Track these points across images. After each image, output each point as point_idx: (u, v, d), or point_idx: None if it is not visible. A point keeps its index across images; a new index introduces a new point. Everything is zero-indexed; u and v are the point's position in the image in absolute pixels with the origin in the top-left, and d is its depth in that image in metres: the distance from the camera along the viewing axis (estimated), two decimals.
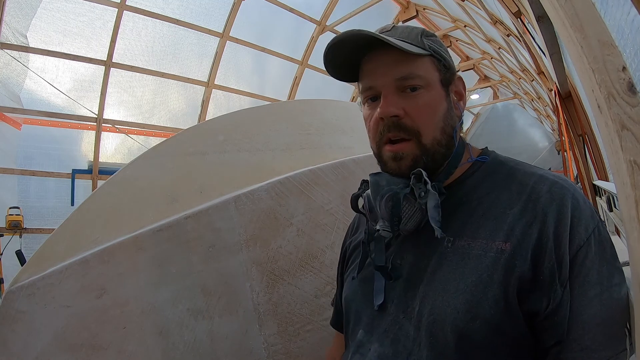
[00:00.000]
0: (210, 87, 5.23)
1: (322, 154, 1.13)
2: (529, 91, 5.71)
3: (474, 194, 0.58)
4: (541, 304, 0.49)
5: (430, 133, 0.58)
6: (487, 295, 0.50)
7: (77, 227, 0.88)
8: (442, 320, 0.51)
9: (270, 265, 1.01)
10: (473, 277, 0.51)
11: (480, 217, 0.55)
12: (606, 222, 1.94)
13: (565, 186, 0.53)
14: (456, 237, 0.55)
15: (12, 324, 0.78)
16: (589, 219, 0.51)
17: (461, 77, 0.63)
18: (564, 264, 0.48)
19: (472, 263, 0.52)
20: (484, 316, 0.49)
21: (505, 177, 0.58)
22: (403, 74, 0.57)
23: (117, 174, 0.96)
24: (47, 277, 0.81)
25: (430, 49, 0.59)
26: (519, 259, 0.50)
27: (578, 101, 2.28)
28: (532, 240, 0.50)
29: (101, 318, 0.83)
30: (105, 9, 4.21)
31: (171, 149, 1.02)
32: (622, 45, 0.95)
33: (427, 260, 0.56)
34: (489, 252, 0.51)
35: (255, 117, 1.17)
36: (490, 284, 0.50)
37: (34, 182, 4.32)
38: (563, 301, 0.48)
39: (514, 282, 0.49)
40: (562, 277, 0.48)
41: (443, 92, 0.60)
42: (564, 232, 0.49)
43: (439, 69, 0.59)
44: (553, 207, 0.51)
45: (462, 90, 0.63)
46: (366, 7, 5.31)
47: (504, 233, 0.52)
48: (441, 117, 0.59)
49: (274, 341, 0.99)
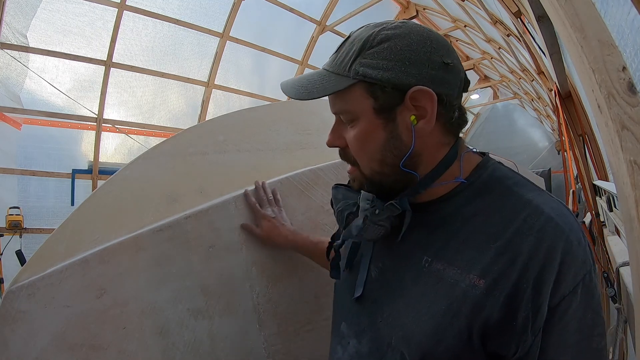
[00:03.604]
0: (210, 87, 5.23)
1: (322, 154, 1.13)
2: (529, 91, 5.71)
3: (457, 215, 0.53)
4: (509, 349, 0.47)
5: (366, 165, 0.56)
6: (452, 324, 0.48)
7: (77, 227, 0.88)
8: (409, 338, 0.52)
9: (271, 265, 1.01)
10: (444, 304, 0.50)
11: (461, 242, 0.51)
12: (606, 222, 1.94)
13: (560, 225, 0.47)
14: (434, 258, 0.53)
15: (12, 324, 0.78)
16: (579, 265, 0.46)
17: (424, 90, 0.50)
18: (540, 314, 0.45)
19: (445, 289, 0.50)
20: (447, 343, 0.49)
21: (496, 199, 0.52)
22: (335, 109, 0.57)
23: (117, 173, 0.96)
24: (47, 277, 0.81)
25: (358, 75, 0.51)
26: (490, 300, 0.46)
27: (578, 101, 2.28)
28: (509, 283, 0.46)
29: (101, 318, 0.83)
30: (105, 9, 4.20)
31: (171, 149, 1.02)
32: (622, 45, 0.95)
33: (403, 273, 0.56)
34: (461, 283, 0.49)
35: (255, 117, 1.17)
36: (458, 314, 0.48)
37: (34, 182, 4.31)
38: (532, 350, 0.46)
39: (479, 321, 0.47)
40: (536, 326, 0.45)
41: (379, 120, 0.52)
42: (546, 280, 0.45)
43: (373, 95, 0.51)
44: (540, 250, 0.46)
45: (425, 104, 0.51)
46: (366, 7, 5.31)
47: (481, 267, 0.48)
48: (377, 148, 0.53)
49: (274, 341, 1.00)
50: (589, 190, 2.39)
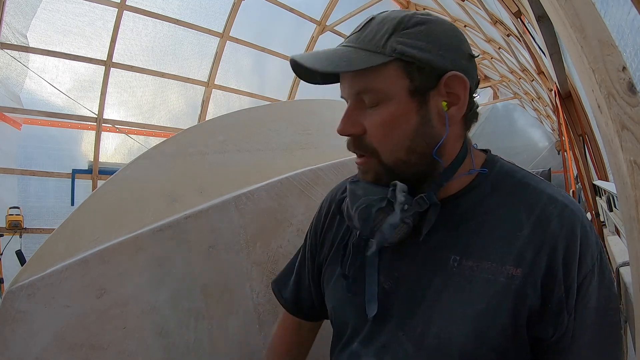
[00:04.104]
0: (210, 87, 5.23)
1: (322, 154, 1.13)
2: (529, 91, 5.71)
3: (478, 209, 0.53)
4: (547, 332, 0.48)
5: (390, 153, 0.51)
6: (495, 322, 0.48)
7: (77, 227, 0.88)
8: (448, 345, 0.49)
9: (270, 265, 1.01)
10: (482, 304, 0.48)
11: (486, 236, 0.51)
12: (606, 222, 1.94)
13: (575, 211, 0.50)
14: (462, 257, 0.51)
15: (12, 324, 0.78)
16: (594, 246, 0.49)
17: (458, 76, 0.49)
18: (572, 293, 0.48)
19: (480, 287, 0.49)
20: (490, 343, 0.48)
21: (512, 192, 0.53)
22: (358, 88, 0.51)
23: (117, 173, 0.96)
24: (47, 277, 0.81)
25: (396, 53, 0.48)
26: (530, 287, 0.48)
27: (578, 101, 2.28)
28: (542, 268, 0.48)
29: (101, 318, 0.83)
30: (105, 9, 4.21)
31: (171, 149, 1.02)
32: (622, 45, 0.95)
33: (430, 277, 0.52)
34: (499, 277, 0.48)
35: (255, 117, 1.17)
36: (499, 311, 0.48)
37: (34, 182, 4.32)
38: (568, 329, 0.48)
39: (524, 311, 0.48)
40: (569, 306, 0.48)
41: (413, 103, 0.49)
42: (573, 261, 0.48)
43: (409, 75, 0.48)
44: (563, 235, 0.48)
45: (459, 91, 0.50)
46: (366, 7, 5.31)
47: (514, 257, 0.49)
48: (407, 135, 0.50)
49: None
50: (589, 190, 2.39)
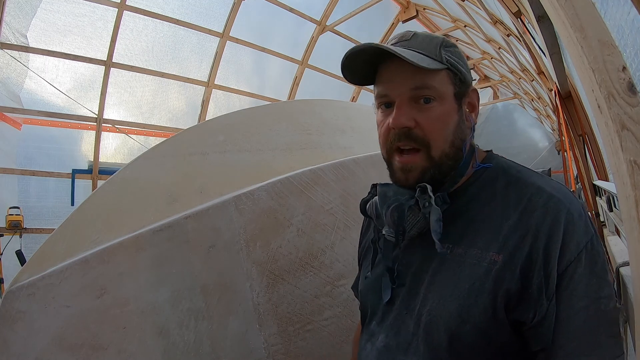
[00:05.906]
0: (210, 87, 5.23)
1: (322, 154, 1.13)
2: (529, 91, 5.71)
3: (474, 202, 0.60)
4: (528, 315, 0.52)
5: (439, 146, 0.59)
6: (477, 302, 0.53)
7: (77, 227, 0.88)
8: (437, 321, 0.56)
9: (270, 265, 1.01)
10: (467, 285, 0.55)
11: (477, 226, 0.58)
12: (606, 222, 1.94)
13: (562, 199, 0.54)
14: (455, 244, 0.58)
15: (12, 324, 0.78)
16: (581, 234, 0.52)
17: (476, 90, 0.65)
18: (552, 280, 0.51)
19: (467, 271, 0.55)
20: (473, 321, 0.53)
21: (505, 186, 0.60)
22: (418, 83, 0.59)
23: (117, 174, 0.96)
24: (47, 277, 0.81)
25: (447, 62, 0.59)
26: (508, 272, 0.53)
27: (578, 101, 2.28)
28: (523, 255, 0.52)
29: (101, 318, 0.83)
30: (106, 9, 4.21)
31: (171, 149, 1.02)
32: (622, 45, 0.95)
33: (430, 263, 0.60)
34: (482, 262, 0.55)
35: (255, 117, 1.17)
36: (481, 292, 0.53)
37: (34, 182, 4.32)
38: (548, 313, 0.51)
39: (502, 293, 0.52)
40: (549, 292, 0.51)
41: (456, 105, 0.61)
42: (554, 249, 0.51)
43: (454, 83, 0.61)
44: (546, 223, 0.53)
45: (475, 102, 0.64)
46: (366, 7, 5.31)
47: (498, 244, 0.54)
48: (452, 130, 0.60)
49: (274, 341, 0.99)
50: (589, 190, 2.39)
